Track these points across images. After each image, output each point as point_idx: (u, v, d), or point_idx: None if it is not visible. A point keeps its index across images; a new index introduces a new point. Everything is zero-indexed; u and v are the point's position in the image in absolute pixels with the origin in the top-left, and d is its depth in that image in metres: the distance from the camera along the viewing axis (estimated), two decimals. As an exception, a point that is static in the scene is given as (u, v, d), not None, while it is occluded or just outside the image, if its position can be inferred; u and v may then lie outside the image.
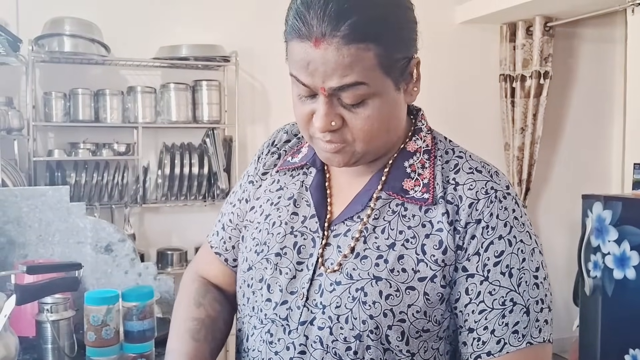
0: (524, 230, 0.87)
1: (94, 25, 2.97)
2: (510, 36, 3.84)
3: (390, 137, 0.89)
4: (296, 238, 0.92)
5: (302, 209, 0.95)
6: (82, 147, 3.05)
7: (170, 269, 3.22)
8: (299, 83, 0.83)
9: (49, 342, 1.54)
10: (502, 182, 0.89)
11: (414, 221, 0.87)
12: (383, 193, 0.89)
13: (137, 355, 1.38)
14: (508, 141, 3.91)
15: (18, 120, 2.75)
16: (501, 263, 0.85)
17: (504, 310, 0.84)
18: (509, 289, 0.85)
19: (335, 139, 0.84)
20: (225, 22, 3.40)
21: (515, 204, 0.88)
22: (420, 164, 0.91)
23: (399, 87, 0.85)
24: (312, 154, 0.97)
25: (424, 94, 3.54)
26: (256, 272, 0.94)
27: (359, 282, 0.85)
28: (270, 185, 1.01)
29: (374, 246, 0.87)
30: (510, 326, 0.84)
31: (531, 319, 0.85)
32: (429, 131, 0.95)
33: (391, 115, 0.86)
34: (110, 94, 3.08)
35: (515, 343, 0.83)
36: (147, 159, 3.27)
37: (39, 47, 2.90)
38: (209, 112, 3.24)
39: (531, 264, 0.86)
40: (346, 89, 0.80)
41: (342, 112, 0.82)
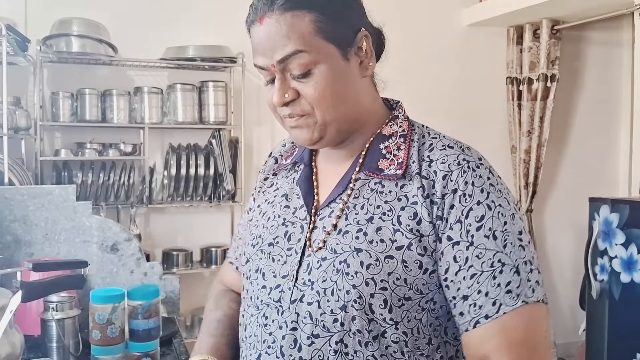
0: (502, 196, 0.90)
1: (101, 26, 2.98)
2: (517, 39, 3.83)
3: (351, 109, 0.94)
4: (287, 227, 0.99)
5: (293, 201, 1.01)
6: (88, 147, 3.06)
7: (175, 269, 3.22)
8: (259, 69, 0.92)
9: (54, 340, 1.55)
10: (474, 154, 0.94)
11: (391, 196, 0.92)
12: (361, 174, 0.95)
13: (142, 354, 1.38)
14: (515, 144, 3.90)
15: (25, 119, 2.76)
16: (484, 227, 0.87)
17: (494, 271, 0.86)
18: (496, 251, 0.86)
19: (295, 111, 0.91)
20: (232, 23, 3.37)
21: (490, 173, 0.92)
22: (396, 146, 0.96)
23: (347, 57, 0.91)
24: (301, 152, 1.05)
25: (430, 96, 3.55)
26: (252, 263, 1.01)
27: (341, 255, 0.90)
28: (268, 188, 1.09)
29: (354, 221, 0.92)
30: (503, 286, 0.85)
31: (522, 278, 0.86)
32: (405, 119, 1.01)
33: (343, 83, 0.92)
34: (117, 94, 3.09)
35: (511, 303, 0.84)
36: (153, 160, 3.28)
37: (47, 47, 2.91)
38: (215, 113, 3.25)
39: (513, 227, 0.88)
40: (290, 59, 0.88)
41: (295, 85, 0.90)
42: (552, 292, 4.03)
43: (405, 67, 3.74)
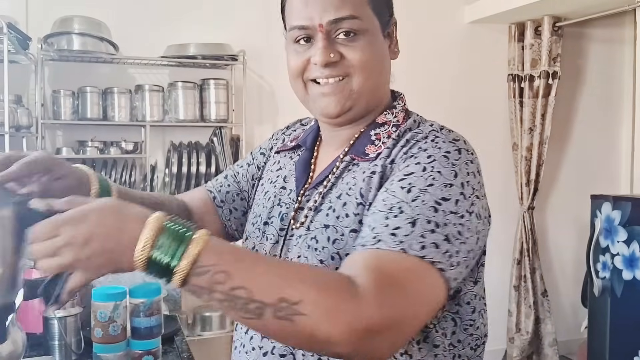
0: (450, 169, 0.86)
1: (102, 24, 2.98)
2: (519, 36, 3.82)
3: (381, 85, 0.98)
4: (281, 208, 1.02)
5: (290, 183, 1.05)
6: (90, 145, 3.06)
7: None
8: (297, 29, 0.93)
9: (56, 338, 1.55)
10: (450, 135, 0.92)
11: (359, 173, 0.94)
12: (347, 157, 0.98)
13: (143, 352, 1.39)
14: (516, 141, 3.89)
15: (27, 118, 2.76)
16: (405, 180, 0.85)
17: (389, 214, 0.82)
18: (402, 200, 0.83)
19: (337, 72, 0.92)
20: (233, 21, 3.40)
21: (456, 152, 0.88)
22: (387, 134, 0.97)
23: (385, 33, 0.96)
24: (305, 135, 1.08)
25: (432, 93, 3.56)
26: (250, 241, 1.06)
27: (312, 232, 0.94)
28: (272, 166, 1.13)
29: (328, 200, 0.96)
30: (390, 228, 0.80)
31: (416, 231, 0.79)
32: (403, 110, 1.02)
33: (382, 56, 0.95)
34: (118, 92, 3.08)
35: (390, 243, 0.78)
36: (154, 158, 3.28)
37: (48, 45, 2.90)
38: (216, 111, 3.24)
39: (439, 191, 0.83)
40: (341, 22, 0.90)
41: (339, 47, 0.92)
42: (554, 290, 4.03)
43: (406, 64, 3.73)
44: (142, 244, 0.70)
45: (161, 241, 0.71)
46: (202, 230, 0.73)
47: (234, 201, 1.16)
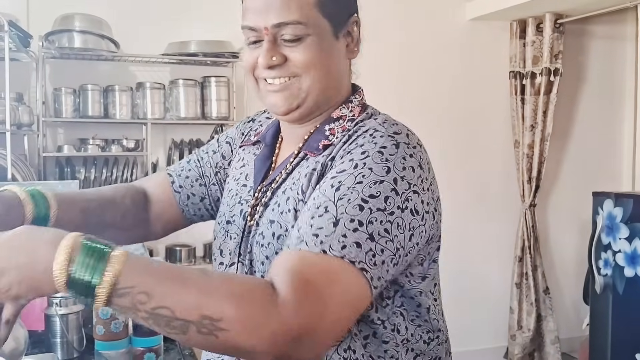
0: (383, 164, 0.85)
1: (103, 22, 2.98)
2: (520, 33, 3.82)
3: (332, 84, 0.96)
4: (242, 206, 1.04)
5: (250, 180, 1.06)
6: (91, 142, 3.06)
7: (179, 265, 3.23)
8: (247, 30, 0.93)
9: (57, 336, 1.55)
10: (390, 128, 0.90)
11: (304, 168, 0.95)
12: (302, 152, 0.98)
13: (145, 349, 1.38)
14: (518, 138, 3.89)
15: (28, 115, 2.76)
16: (336, 178, 0.85)
17: (315, 213, 0.82)
18: (328, 199, 0.83)
19: (281, 74, 0.93)
20: (234, 18, 3.37)
21: (393, 146, 0.87)
22: (342, 129, 0.96)
23: (337, 35, 0.95)
24: (266, 131, 1.09)
25: (433, 91, 3.53)
26: (216, 240, 1.08)
27: (260, 227, 0.96)
28: (236, 163, 1.13)
29: (275, 195, 0.97)
30: (313, 228, 0.80)
31: (337, 231, 0.79)
32: (360, 104, 1.01)
33: (330, 57, 0.94)
34: (119, 90, 3.08)
35: (311, 245, 0.79)
36: (156, 155, 3.28)
37: (49, 43, 2.90)
38: (217, 108, 3.24)
39: (367, 189, 0.83)
40: (285, 26, 0.90)
41: (284, 50, 0.92)
42: (555, 287, 4.03)
43: (407, 61, 3.74)
44: (58, 265, 0.70)
45: (78, 260, 0.70)
46: (120, 249, 0.73)
47: (192, 186, 1.16)
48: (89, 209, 1.03)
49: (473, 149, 3.94)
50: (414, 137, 0.91)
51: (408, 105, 3.56)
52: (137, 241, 1.19)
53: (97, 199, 1.07)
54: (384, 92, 3.54)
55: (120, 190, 1.13)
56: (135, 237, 1.17)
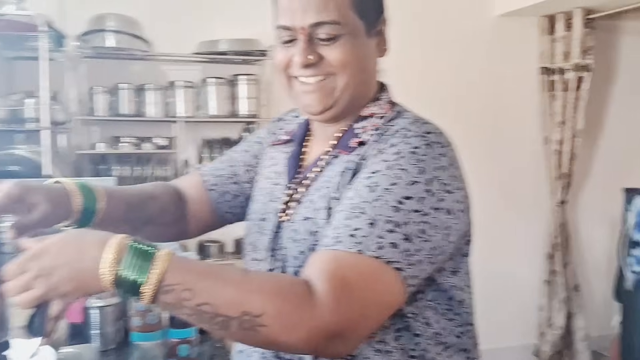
0: (416, 165, 0.86)
1: (136, 21, 3.04)
2: (550, 29, 3.78)
3: (365, 82, 0.98)
4: (274, 203, 1.05)
5: (282, 178, 1.07)
6: (124, 140, 3.12)
7: (209, 260, 3.28)
8: (282, 29, 0.94)
9: (95, 327, 1.60)
10: (422, 128, 0.92)
11: (337, 166, 0.96)
12: (334, 151, 0.99)
13: (180, 341, 1.42)
14: (548, 135, 3.86)
15: (64, 114, 2.83)
16: (370, 179, 0.87)
17: (351, 214, 0.84)
18: (365, 200, 0.85)
19: (317, 72, 0.94)
20: (263, 16, 3.40)
21: (425, 146, 0.88)
22: (373, 126, 0.97)
23: (369, 34, 0.96)
24: (295, 130, 1.10)
25: (461, 88, 3.52)
26: (248, 236, 1.10)
27: (294, 224, 0.98)
28: (267, 162, 1.15)
29: (309, 192, 0.98)
30: (349, 229, 0.82)
31: (374, 232, 0.81)
32: (388, 102, 1.02)
33: (363, 56, 0.96)
34: (151, 88, 3.14)
35: (348, 245, 0.81)
36: (187, 153, 3.33)
37: (84, 42, 2.97)
38: (247, 106, 3.28)
39: (402, 190, 0.84)
40: (322, 26, 0.91)
41: (319, 49, 0.93)
42: (585, 284, 3.99)
43: (436, 58, 3.73)
44: (105, 264, 0.74)
45: (126, 259, 0.75)
46: (165, 249, 0.77)
47: (225, 185, 1.18)
48: (132, 204, 1.06)
49: (502, 146, 3.92)
50: (444, 135, 0.93)
51: (436, 102, 3.55)
52: (172, 239, 1.21)
53: (139, 194, 1.10)
54: (412, 89, 3.53)
55: (159, 187, 1.16)
56: (171, 235, 1.19)
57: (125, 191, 1.09)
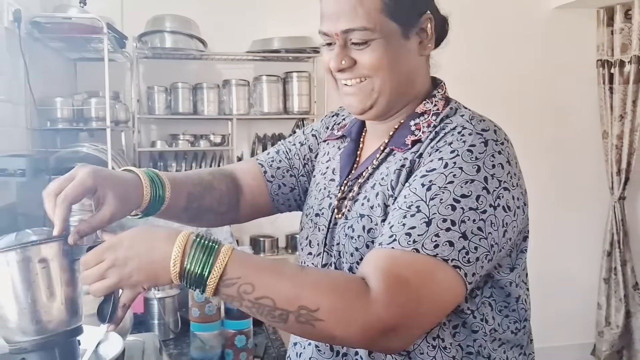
0: (473, 163, 0.87)
1: (192, 22, 3.11)
2: (608, 20, 3.68)
3: (404, 83, 0.98)
4: (331, 199, 1.07)
5: (337, 174, 1.09)
6: (181, 138, 3.21)
7: (262, 254, 3.34)
8: (321, 34, 0.98)
9: (155, 317, 1.67)
10: (478, 125, 0.91)
11: (393, 164, 0.97)
12: (388, 148, 1.00)
13: (236, 332, 1.47)
14: (606, 129, 3.76)
15: (124, 113, 2.93)
16: (426, 177, 0.88)
17: (407, 212, 0.85)
18: (420, 198, 0.86)
19: (352, 75, 0.97)
20: (315, 13, 3.43)
21: (482, 144, 0.88)
22: (427, 123, 0.98)
23: (407, 35, 0.96)
24: (351, 126, 1.11)
25: (516, 82, 3.48)
26: (304, 231, 1.12)
27: (350, 221, 0.99)
28: (322, 157, 1.17)
29: (364, 189, 1.00)
30: (405, 227, 0.84)
31: (430, 231, 0.82)
32: (443, 98, 1.02)
33: (397, 57, 0.96)
34: (207, 87, 3.21)
35: (404, 243, 0.82)
36: (240, 150, 3.40)
37: (142, 43, 3.06)
38: (299, 103, 3.32)
39: (459, 189, 0.85)
40: (352, 32, 0.94)
41: (353, 53, 0.96)
42: (646, 283, 3.87)
43: (491, 51, 3.69)
44: (173, 258, 0.80)
45: (191, 254, 0.80)
46: (226, 245, 0.82)
47: (283, 177, 1.19)
48: (194, 194, 1.10)
49: (559, 141, 3.84)
50: (501, 132, 0.93)
51: (491, 96, 3.51)
52: (225, 223, 1.25)
53: (200, 183, 1.12)
54: (467, 83, 3.50)
55: (216, 176, 1.17)
56: (223, 222, 1.23)
57: (187, 180, 1.11)
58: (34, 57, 2.40)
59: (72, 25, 2.47)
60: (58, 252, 0.88)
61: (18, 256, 0.86)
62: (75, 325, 0.92)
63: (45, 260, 0.87)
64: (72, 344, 0.94)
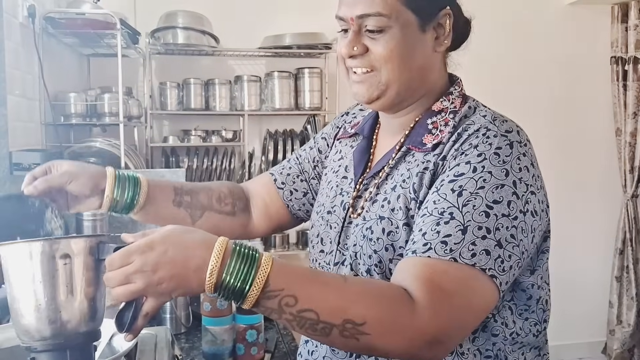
0: (501, 167, 0.86)
1: (204, 18, 3.12)
2: (622, 17, 3.65)
3: (415, 78, 0.96)
4: (343, 197, 1.06)
5: (350, 172, 1.08)
6: (193, 134, 3.22)
7: (273, 250, 3.35)
8: (338, 19, 0.97)
9: (168, 311, 1.68)
10: (502, 127, 0.90)
11: (414, 165, 0.95)
12: (404, 147, 0.98)
13: (247, 326, 1.48)
14: (620, 126, 3.73)
15: (137, 108, 2.95)
16: (456, 182, 0.86)
17: (440, 219, 0.84)
18: (452, 204, 0.84)
19: (362, 64, 0.95)
20: (326, 9, 3.43)
21: (508, 146, 0.87)
22: (444, 122, 0.97)
23: (424, 28, 0.95)
24: (363, 123, 1.10)
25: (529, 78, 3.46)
26: (314, 229, 1.11)
27: (368, 222, 0.97)
28: (334, 155, 1.16)
29: (383, 190, 0.98)
30: (440, 235, 0.82)
31: (466, 239, 0.81)
32: (460, 96, 1.00)
33: (412, 50, 0.94)
34: (219, 83, 3.22)
35: (440, 252, 0.81)
36: (252, 145, 3.41)
37: (155, 39, 3.07)
38: (310, 99, 3.32)
39: (490, 194, 0.84)
40: (367, 18, 0.92)
41: (367, 41, 0.94)
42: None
43: (504, 47, 3.67)
44: (211, 267, 0.74)
45: (231, 264, 0.75)
46: (266, 254, 0.78)
47: (294, 183, 1.20)
48: (182, 189, 1.12)
49: (572, 138, 3.82)
50: (523, 133, 0.92)
51: (504, 92, 3.50)
52: (240, 230, 1.21)
53: (192, 184, 1.15)
54: (480, 80, 3.48)
55: (217, 183, 1.21)
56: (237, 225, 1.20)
57: (176, 182, 1.15)
58: (48, 52, 2.42)
59: (86, 21, 2.49)
60: (83, 250, 0.84)
61: (42, 248, 0.82)
62: (93, 329, 0.87)
63: (69, 256, 0.83)
64: (87, 349, 0.88)
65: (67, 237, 0.86)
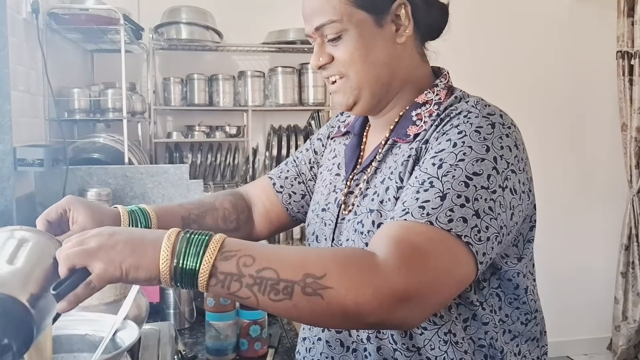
0: (482, 143, 0.86)
1: (208, 13, 3.11)
2: (629, 11, 3.62)
3: (384, 74, 0.97)
4: (336, 194, 1.07)
5: (342, 169, 1.10)
6: (197, 129, 3.22)
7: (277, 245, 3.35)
8: (306, 36, 1.01)
9: (171, 307, 1.68)
10: (483, 110, 0.90)
11: (399, 156, 0.96)
12: (390, 140, 1.00)
13: (251, 322, 1.48)
14: (625, 122, 3.71)
15: (141, 104, 2.94)
16: (437, 157, 0.87)
17: (420, 188, 0.84)
18: (433, 176, 0.84)
19: (332, 72, 0.98)
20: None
21: (489, 126, 0.87)
22: (428, 113, 0.97)
23: (380, 23, 0.95)
24: (354, 121, 1.12)
25: (535, 73, 3.46)
26: (310, 227, 1.12)
27: (359, 216, 0.98)
28: (328, 154, 1.18)
29: (372, 184, 0.99)
30: (419, 201, 0.82)
31: (445, 205, 0.80)
32: (446, 87, 1.00)
33: (372, 47, 0.95)
34: (222, 78, 3.21)
35: (417, 216, 0.80)
36: (256, 141, 3.41)
37: (159, 35, 3.07)
38: (314, 94, 3.32)
39: (470, 166, 0.83)
40: (323, 28, 0.95)
41: (330, 49, 0.97)
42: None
43: (509, 42, 3.65)
44: (167, 233, 0.74)
45: (188, 232, 0.75)
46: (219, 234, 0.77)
47: (292, 185, 1.22)
48: (189, 217, 1.11)
49: (577, 133, 3.81)
50: (507, 117, 0.92)
51: (511, 88, 3.49)
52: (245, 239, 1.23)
53: (198, 207, 1.14)
54: (484, 73, 3.48)
55: (219, 197, 1.20)
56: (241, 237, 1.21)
57: (181, 207, 1.13)
58: (52, 48, 2.42)
59: (89, 16, 2.48)
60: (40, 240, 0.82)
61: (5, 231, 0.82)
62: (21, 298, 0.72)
63: (26, 240, 0.80)
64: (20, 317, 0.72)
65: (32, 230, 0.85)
